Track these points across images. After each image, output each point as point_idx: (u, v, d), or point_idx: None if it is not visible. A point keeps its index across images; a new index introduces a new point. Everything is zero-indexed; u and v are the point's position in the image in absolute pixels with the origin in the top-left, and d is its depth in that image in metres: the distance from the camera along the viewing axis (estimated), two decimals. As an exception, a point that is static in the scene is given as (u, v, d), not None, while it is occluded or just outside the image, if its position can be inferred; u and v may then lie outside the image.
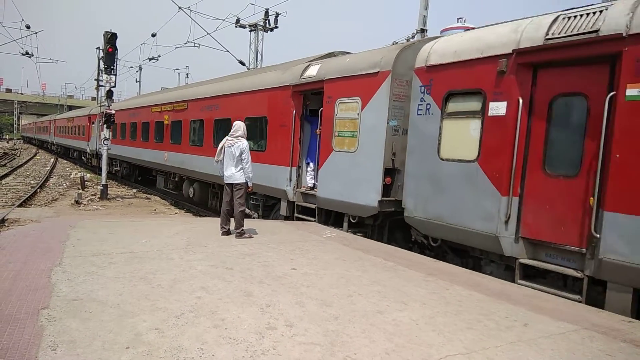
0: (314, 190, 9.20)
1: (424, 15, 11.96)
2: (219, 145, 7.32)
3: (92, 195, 16.48)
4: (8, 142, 70.52)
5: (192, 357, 3.03)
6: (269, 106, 10.42)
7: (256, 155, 9.67)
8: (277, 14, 22.95)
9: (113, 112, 15.85)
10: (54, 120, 45.86)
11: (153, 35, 26.58)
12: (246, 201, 11.51)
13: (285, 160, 9.68)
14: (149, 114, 18.08)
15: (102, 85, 21.74)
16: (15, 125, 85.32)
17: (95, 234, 6.74)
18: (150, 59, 30.30)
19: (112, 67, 15.58)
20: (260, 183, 9.94)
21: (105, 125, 15.87)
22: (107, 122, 15.75)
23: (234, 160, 7.13)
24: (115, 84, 15.83)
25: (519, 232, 5.67)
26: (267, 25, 23.26)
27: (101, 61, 17.85)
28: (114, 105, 16.09)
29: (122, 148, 21.17)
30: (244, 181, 7.18)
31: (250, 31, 24.01)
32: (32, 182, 20.54)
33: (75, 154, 35.35)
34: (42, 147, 58.20)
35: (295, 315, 3.87)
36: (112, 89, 15.84)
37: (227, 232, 7.24)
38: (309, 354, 3.18)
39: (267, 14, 22.88)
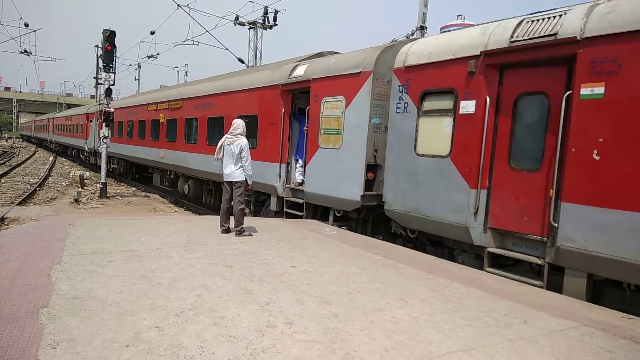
0: (302, 186, 9.45)
1: (423, 13, 11.95)
2: (219, 143, 7.31)
3: (91, 193, 16.46)
4: (7, 141, 70.43)
5: (192, 355, 3.03)
6: (260, 105, 10.65)
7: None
8: (277, 12, 22.94)
9: (112, 110, 15.84)
10: (53, 118, 45.88)
11: (152, 33, 26.56)
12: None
13: (275, 157, 9.94)
14: (145, 113, 18.21)
15: (101, 84, 21.74)
16: (14, 124, 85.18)
17: (95, 233, 6.73)
18: (149, 57, 30.29)
19: (111, 65, 15.57)
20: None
21: (104, 124, 15.85)
22: (106, 121, 15.73)
23: (234, 158, 7.12)
24: (114, 82, 15.82)
25: (487, 223, 5.99)
26: (266, 22, 23.23)
27: (100, 59, 17.83)
28: (112, 104, 16.08)
29: (120, 146, 21.20)
30: (244, 179, 7.18)
31: (249, 29, 23.98)
32: (31, 180, 20.54)
33: (73, 152, 35.40)
34: (41, 145, 58.13)
35: (295, 313, 3.87)
36: (111, 87, 15.83)
37: (227, 230, 7.23)
38: (309, 351, 3.18)
39: (266, 12, 22.85)
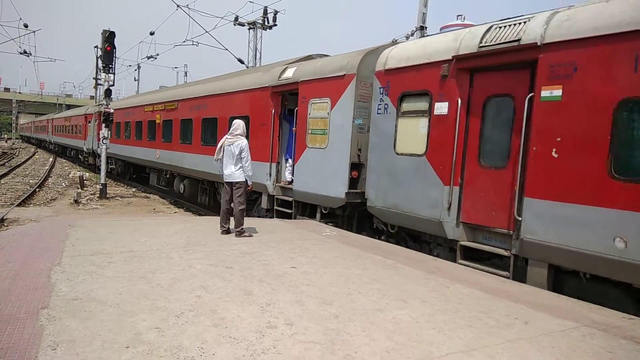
0: (291, 185, 9.71)
1: (423, 13, 11.95)
2: (219, 144, 7.31)
3: (91, 194, 16.45)
4: (7, 142, 70.40)
5: (193, 356, 3.02)
6: (251, 106, 10.95)
7: None
8: (276, 12, 22.93)
9: (112, 111, 15.82)
10: (52, 119, 45.98)
11: (151, 33, 26.54)
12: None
13: (266, 157, 10.20)
14: (142, 114, 18.51)
15: (100, 84, 21.76)
16: (13, 125, 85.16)
17: (95, 234, 6.73)
18: (148, 58, 30.26)
19: (110, 66, 15.55)
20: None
21: (104, 124, 15.83)
22: (106, 121, 15.71)
23: (234, 158, 7.11)
24: (113, 82, 15.83)
25: (460, 218, 6.35)
26: (266, 23, 23.22)
27: (99, 60, 17.81)
28: (111, 105, 16.11)
29: (117, 147, 21.38)
30: (244, 180, 7.17)
31: (249, 29, 23.97)
32: (31, 181, 20.51)
33: (72, 153, 35.56)
34: (40, 146, 58.14)
35: (296, 314, 3.86)
36: (111, 87, 15.82)
37: (227, 231, 7.22)
38: (309, 352, 3.18)
39: (265, 12, 22.84)
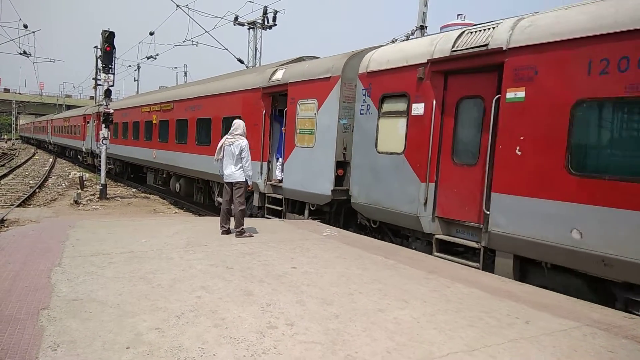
0: (281, 183, 10.00)
1: (423, 12, 11.94)
2: (219, 144, 7.31)
3: (91, 195, 16.44)
4: (7, 142, 70.36)
5: (193, 356, 3.02)
6: (243, 106, 11.25)
7: None
8: (276, 12, 22.91)
9: (111, 111, 15.82)
10: (51, 120, 46.15)
11: (151, 33, 26.53)
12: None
13: (257, 156, 10.34)
14: (139, 114, 18.80)
15: (100, 85, 21.74)
16: (13, 125, 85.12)
17: (95, 234, 6.72)
18: (148, 58, 30.25)
19: (110, 66, 15.55)
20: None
21: (103, 125, 15.81)
22: (106, 122, 15.70)
23: (234, 158, 7.10)
24: (113, 83, 15.83)
25: (435, 213, 6.67)
26: (266, 23, 23.20)
27: (99, 60, 17.82)
28: (110, 105, 16.14)
29: (115, 147, 21.52)
30: (244, 180, 7.16)
31: (248, 29, 23.95)
32: (31, 182, 20.51)
33: (71, 153, 35.76)
34: (40, 146, 58.17)
35: (296, 314, 3.86)
36: (111, 88, 15.81)
37: (227, 231, 7.22)
38: (310, 352, 3.17)
39: (265, 12, 22.82)
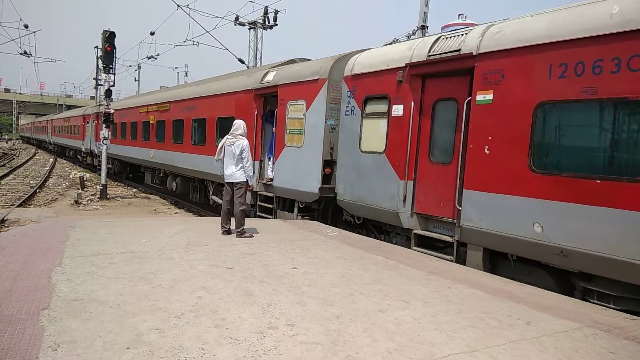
0: (272, 181, 10.29)
1: (424, 12, 11.94)
2: (219, 144, 7.30)
3: (91, 195, 16.45)
4: (7, 143, 70.39)
5: (194, 357, 3.01)
6: (236, 107, 11.52)
7: None
8: (277, 12, 22.92)
9: (112, 111, 15.82)
10: (52, 120, 46.36)
11: (152, 33, 26.54)
12: (220, 192, 12.21)
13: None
14: (137, 114, 19.05)
15: (100, 85, 21.76)
16: (14, 125, 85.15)
17: (95, 234, 6.72)
18: (149, 58, 30.28)
19: (110, 66, 15.55)
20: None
21: (104, 125, 15.81)
22: (107, 122, 15.69)
23: (234, 159, 7.09)
24: (114, 83, 15.83)
25: (414, 209, 7.00)
26: (267, 22, 23.21)
27: (100, 60, 17.83)
28: (111, 105, 16.16)
29: (114, 146, 21.67)
30: (245, 180, 7.16)
31: (249, 29, 23.97)
32: (31, 182, 20.52)
33: (71, 153, 35.92)
34: (40, 146, 58.24)
35: (297, 315, 3.85)
36: (111, 88, 15.81)
37: (228, 232, 7.21)
38: (311, 353, 3.16)
39: (266, 12, 22.83)
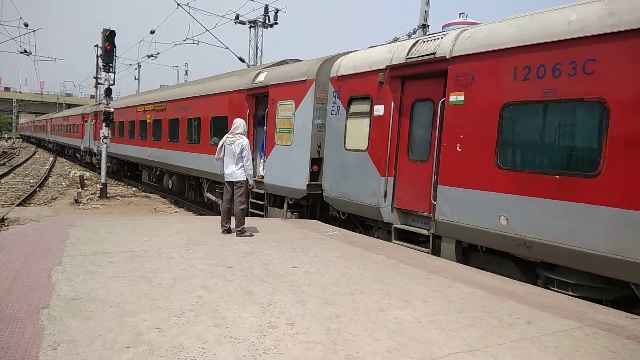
0: (263, 179, 10.45)
1: (425, 11, 11.92)
2: (219, 143, 7.29)
3: (91, 194, 16.44)
4: (7, 141, 70.36)
5: (194, 356, 3.01)
6: (229, 107, 11.78)
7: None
8: (277, 10, 22.88)
9: (112, 110, 15.80)
10: (51, 119, 46.47)
11: (152, 32, 26.52)
12: (214, 190, 12.39)
13: None
14: (135, 113, 19.29)
15: (100, 84, 21.74)
16: (13, 124, 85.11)
17: (95, 233, 6.71)
18: (149, 57, 30.27)
19: (110, 65, 15.53)
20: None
21: (104, 124, 15.80)
22: (106, 120, 15.68)
23: (234, 157, 7.08)
24: (114, 81, 15.81)
25: (394, 204, 7.30)
26: (267, 21, 23.19)
27: (100, 59, 17.81)
28: (111, 104, 16.16)
29: (112, 145, 21.67)
30: (245, 179, 7.15)
31: (249, 27, 23.94)
32: (31, 181, 20.51)
33: (70, 152, 36.09)
34: (40, 145, 58.27)
35: (297, 314, 3.85)
36: (111, 86, 15.80)
37: (228, 231, 7.21)
38: (311, 352, 3.16)
39: (266, 10, 22.81)
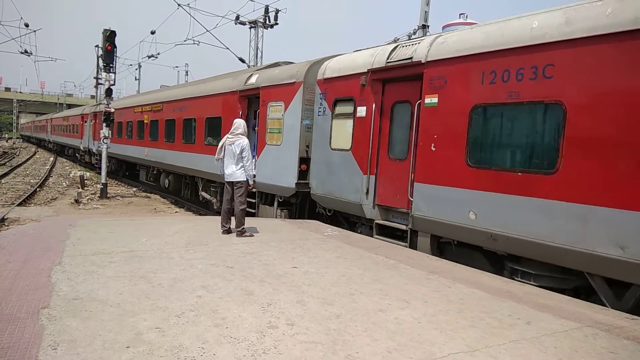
0: (255, 177, 10.35)
1: (425, 11, 11.92)
2: (220, 143, 7.30)
3: (91, 194, 16.45)
4: (7, 141, 70.38)
5: (193, 356, 3.01)
6: (223, 108, 12.13)
7: (214, 149, 10.76)
8: (277, 11, 22.89)
9: (112, 110, 15.81)
10: (51, 119, 46.62)
11: (152, 32, 26.53)
12: (208, 189, 12.48)
13: None
14: (133, 114, 19.58)
15: (101, 84, 21.73)
16: (14, 124, 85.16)
17: (95, 233, 6.72)
18: (149, 57, 30.26)
19: (111, 65, 15.55)
20: (217, 172, 11.18)
21: (104, 124, 15.81)
22: (107, 120, 15.69)
23: (235, 158, 7.09)
24: (114, 82, 15.84)
25: (375, 201, 7.64)
26: (267, 22, 23.19)
27: (100, 59, 17.79)
28: (111, 104, 16.20)
29: (111, 145, 21.70)
30: (245, 179, 7.15)
31: (250, 28, 23.95)
32: (31, 181, 20.52)
33: (70, 151, 36.24)
34: (40, 145, 58.35)
35: (297, 314, 3.85)
36: (112, 87, 15.81)
37: (228, 231, 7.21)
38: (311, 352, 3.16)
39: (267, 11, 22.81)
